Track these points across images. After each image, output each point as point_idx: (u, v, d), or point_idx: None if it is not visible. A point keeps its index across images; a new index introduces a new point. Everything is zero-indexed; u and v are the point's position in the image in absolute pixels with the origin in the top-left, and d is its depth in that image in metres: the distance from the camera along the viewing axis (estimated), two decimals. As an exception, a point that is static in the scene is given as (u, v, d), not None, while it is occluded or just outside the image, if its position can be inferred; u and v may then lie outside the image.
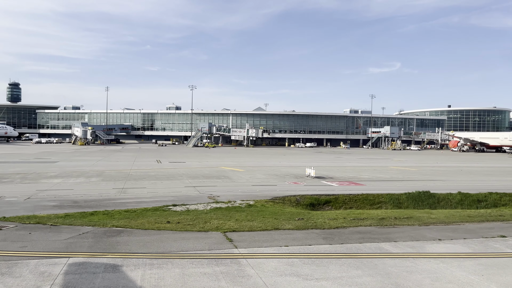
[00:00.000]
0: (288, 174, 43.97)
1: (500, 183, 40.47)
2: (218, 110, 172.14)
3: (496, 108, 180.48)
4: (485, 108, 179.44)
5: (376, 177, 44.57)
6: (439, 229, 18.40)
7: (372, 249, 14.50)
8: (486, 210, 25.44)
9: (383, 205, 29.61)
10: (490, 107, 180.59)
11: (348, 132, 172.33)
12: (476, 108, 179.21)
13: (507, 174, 50.83)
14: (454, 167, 60.89)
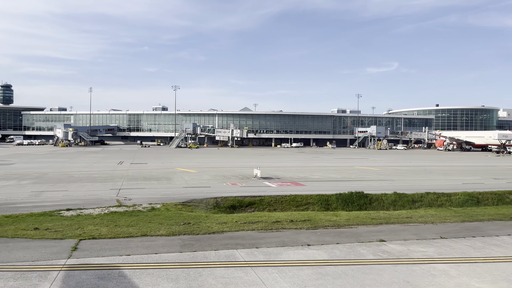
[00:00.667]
0: (237, 175, 43.00)
1: (452, 182, 39.48)
2: (205, 110, 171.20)
3: (484, 107, 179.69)
4: (473, 107, 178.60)
5: (327, 177, 43.62)
6: (323, 232, 17.46)
7: (220, 257, 13.54)
8: (400, 212, 24.46)
9: (310, 207, 28.64)
10: (478, 106, 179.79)
11: (335, 132, 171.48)
12: (464, 107, 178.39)
13: (469, 173, 49.79)
14: (420, 167, 59.89)
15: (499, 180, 42.26)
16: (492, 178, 44.13)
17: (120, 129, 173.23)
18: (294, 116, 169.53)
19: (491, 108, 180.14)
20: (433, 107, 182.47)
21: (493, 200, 32.34)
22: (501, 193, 33.25)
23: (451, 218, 21.33)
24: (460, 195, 32.30)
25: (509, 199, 32.70)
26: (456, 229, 18.61)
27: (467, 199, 31.75)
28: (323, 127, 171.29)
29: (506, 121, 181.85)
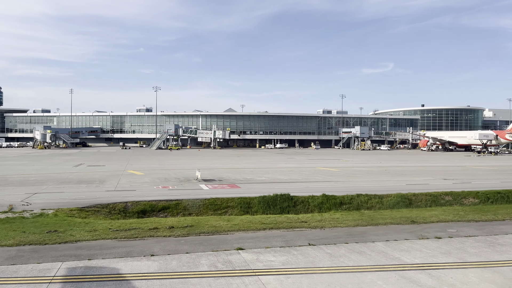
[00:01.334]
0: (182, 177, 41.82)
1: (398, 183, 38.38)
2: (189, 112, 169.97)
3: (470, 107, 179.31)
4: (458, 107, 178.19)
5: (276, 178, 42.48)
6: (188, 240, 16.38)
7: (33, 271, 12.37)
8: (311, 215, 23.33)
9: (229, 210, 27.52)
10: (463, 106, 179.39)
11: (320, 132, 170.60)
12: (450, 107, 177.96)
13: (426, 174, 48.59)
14: (384, 167, 58.82)
15: (448, 181, 41.28)
16: (443, 179, 43.14)
17: (104, 131, 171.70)
18: (279, 117, 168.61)
19: (477, 108, 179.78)
20: (419, 107, 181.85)
21: (426, 201, 31.33)
22: (437, 194, 32.22)
23: (349, 222, 20.28)
24: (393, 196, 31.28)
25: (444, 200, 31.70)
26: (338, 235, 17.53)
27: (398, 200, 30.73)
28: (308, 128, 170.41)
29: (492, 121, 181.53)
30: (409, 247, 15.46)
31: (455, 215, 22.53)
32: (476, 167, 61.85)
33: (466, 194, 32.73)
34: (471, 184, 38.90)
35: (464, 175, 48.61)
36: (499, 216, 21.98)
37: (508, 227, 19.12)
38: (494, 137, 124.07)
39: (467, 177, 46.06)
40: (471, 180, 42.56)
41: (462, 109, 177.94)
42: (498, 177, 45.82)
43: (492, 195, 32.79)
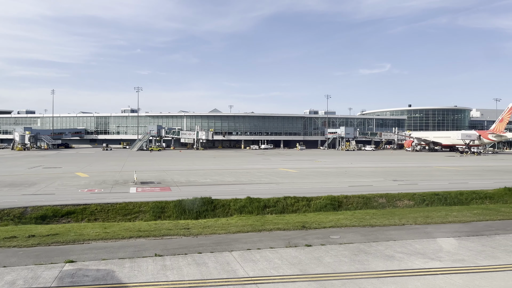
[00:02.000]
0: (119, 180, 40.41)
1: (344, 184, 37.01)
2: (174, 112, 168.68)
3: (457, 107, 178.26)
4: (445, 107, 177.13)
5: (221, 180, 41.13)
6: (28, 252, 14.95)
7: None
8: (213, 220, 21.96)
9: (141, 215, 26.14)
10: (450, 106, 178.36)
11: (306, 133, 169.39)
12: (437, 107, 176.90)
13: (383, 175, 47.24)
14: (350, 168, 57.47)
15: (396, 182, 40.02)
16: (393, 180, 41.86)
17: (88, 132, 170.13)
18: (264, 117, 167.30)
19: (464, 108, 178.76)
20: (406, 107, 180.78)
21: (357, 203, 30.04)
22: (371, 196, 30.91)
23: (236, 228, 18.92)
24: (322, 199, 29.95)
25: (377, 203, 30.38)
26: (204, 243, 16.16)
27: (327, 203, 29.43)
28: (294, 129, 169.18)
29: (479, 121, 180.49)
30: (262, 257, 14.10)
31: (358, 219, 21.18)
32: (442, 168, 60.59)
33: (402, 196, 31.42)
34: (417, 185, 37.60)
35: (420, 176, 47.37)
36: (402, 221, 20.64)
37: (396, 233, 17.79)
38: (477, 137, 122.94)
39: (420, 178, 44.84)
40: (421, 181, 41.32)
41: (449, 109, 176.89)
42: (453, 178, 44.58)
43: (428, 197, 31.50)
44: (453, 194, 32.33)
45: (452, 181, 40.94)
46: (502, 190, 33.70)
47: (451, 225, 19.52)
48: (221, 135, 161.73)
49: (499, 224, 20.16)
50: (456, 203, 31.18)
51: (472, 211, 24.23)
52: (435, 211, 24.46)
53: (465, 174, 50.80)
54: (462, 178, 44.65)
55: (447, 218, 21.53)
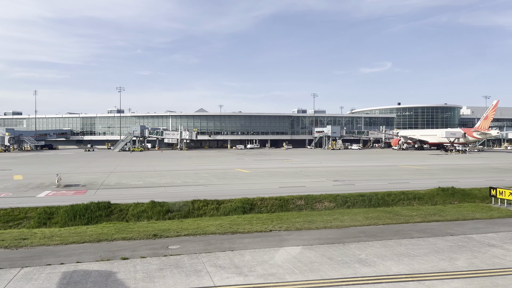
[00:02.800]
0: (53, 182, 38.84)
1: (275, 185, 35.32)
2: (159, 112, 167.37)
3: (447, 105, 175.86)
4: (435, 105, 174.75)
5: (156, 182, 39.53)
6: None
7: None
8: (36, 231, 20.26)
9: (25, 222, 24.54)
10: (440, 104, 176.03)
11: (294, 132, 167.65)
12: (426, 105, 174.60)
13: (336, 175, 45.54)
14: (310, 168, 55.77)
15: (336, 182, 38.36)
16: (333, 180, 40.14)
17: (74, 133, 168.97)
18: (251, 117, 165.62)
19: (454, 106, 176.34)
20: (395, 105, 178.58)
21: (273, 205, 28.43)
22: (289, 198, 29.29)
23: (64, 240, 17.26)
24: (235, 201, 28.33)
25: (294, 205, 28.72)
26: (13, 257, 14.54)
27: (238, 206, 27.80)
28: (281, 128, 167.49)
29: (470, 118, 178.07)
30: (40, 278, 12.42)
31: (232, 225, 19.56)
32: (407, 167, 58.74)
33: (324, 197, 29.77)
34: (354, 186, 35.94)
35: (373, 175, 45.72)
36: (276, 227, 18.97)
37: (249, 241, 16.26)
38: (462, 135, 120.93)
39: (369, 177, 43.15)
40: (365, 181, 39.69)
41: (439, 107, 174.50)
42: (401, 178, 42.89)
43: (352, 198, 29.84)
44: (380, 195, 30.64)
45: (394, 181, 39.21)
46: (435, 191, 32.00)
47: (320, 231, 17.92)
48: (206, 135, 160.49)
49: (380, 229, 18.52)
50: (380, 204, 29.54)
51: (368, 214, 22.60)
52: (330, 215, 22.84)
53: (423, 173, 48.99)
54: (409, 178, 42.93)
55: (330, 223, 19.90)
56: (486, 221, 22.07)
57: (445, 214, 23.66)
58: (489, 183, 35.19)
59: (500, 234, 18.41)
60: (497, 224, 20.92)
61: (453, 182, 35.51)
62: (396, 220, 21.14)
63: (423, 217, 22.83)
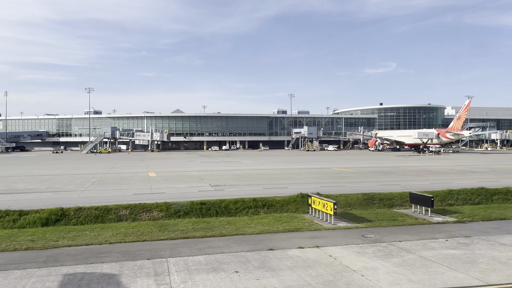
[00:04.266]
0: None
1: (146, 191, 32.18)
2: (135, 113, 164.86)
3: (431, 105, 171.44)
4: (418, 105, 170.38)
5: (21, 189, 36.52)
6: None
7: None
8: None
9: None
10: (424, 104, 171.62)
11: (272, 133, 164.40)
12: (409, 105, 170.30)
13: (239, 178, 42.45)
14: (219, 171, 52.59)
15: (212, 187, 34.99)
16: (214, 185, 36.84)
17: (50, 134, 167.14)
18: (228, 117, 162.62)
19: (437, 106, 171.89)
20: (377, 106, 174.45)
21: (89, 216, 25.12)
22: (112, 208, 25.94)
23: None
24: (44, 212, 25.04)
25: (115, 215, 25.44)
26: None
27: (46, 217, 24.54)
28: (259, 129, 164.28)
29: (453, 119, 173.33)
30: None
31: None
32: (337, 170, 55.20)
33: (155, 206, 26.45)
34: (224, 191, 32.62)
35: (269, 179, 42.34)
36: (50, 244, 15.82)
37: None
38: (435, 136, 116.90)
39: (264, 181, 39.86)
40: (245, 185, 36.30)
41: (422, 107, 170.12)
42: (299, 182, 39.42)
43: (189, 206, 26.55)
44: (225, 203, 27.34)
45: (277, 186, 35.93)
46: (295, 197, 28.57)
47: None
48: (182, 136, 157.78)
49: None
50: (222, 213, 26.33)
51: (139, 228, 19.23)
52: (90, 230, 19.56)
53: (335, 177, 45.54)
54: (306, 182, 39.51)
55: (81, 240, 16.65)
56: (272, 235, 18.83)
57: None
58: (399, 188, 32.00)
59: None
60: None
61: (356, 187, 32.16)
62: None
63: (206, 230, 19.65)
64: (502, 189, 32.99)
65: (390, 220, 23.37)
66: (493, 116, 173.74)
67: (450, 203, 29.64)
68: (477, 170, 53.92)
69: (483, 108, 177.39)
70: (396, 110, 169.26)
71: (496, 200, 31.22)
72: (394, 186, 35.50)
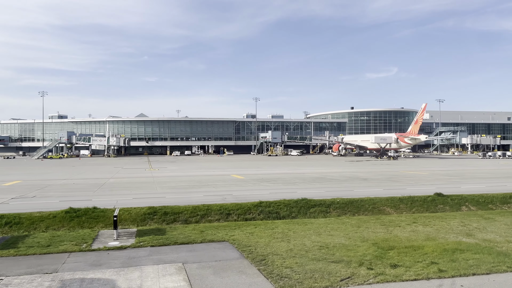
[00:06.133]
0: None
1: None
2: (98, 118, 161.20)
3: (404, 109, 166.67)
4: (390, 109, 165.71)
5: None
6: None
7: None
8: None
9: None
10: (397, 108, 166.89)
11: (239, 138, 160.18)
12: (382, 109, 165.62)
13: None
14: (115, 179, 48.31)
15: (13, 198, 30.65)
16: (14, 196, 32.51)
17: (13, 139, 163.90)
18: (192, 122, 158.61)
19: (410, 110, 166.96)
20: (348, 109, 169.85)
21: None
22: None
23: None
24: None
25: None
26: None
27: None
28: (226, 133, 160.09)
29: (428, 123, 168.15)
30: None
31: None
32: (234, 178, 50.73)
33: None
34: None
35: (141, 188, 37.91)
36: None
37: None
38: (394, 141, 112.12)
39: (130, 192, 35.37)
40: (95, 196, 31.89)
41: (395, 111, 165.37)
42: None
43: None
44: None
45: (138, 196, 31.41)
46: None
47: None
48: (144, 141, 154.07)
49: None
50: None
51: None
52: None
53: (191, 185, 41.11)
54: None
55: None
56: None
57: None
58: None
59: None
60: None
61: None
62: None
63: None
64: (327, 200, 28.36)
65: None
66: (468, 120, 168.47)
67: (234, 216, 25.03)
68: (379, 177, 49.13)
69: (458, 112, 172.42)
70: (367, 114, 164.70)
71: (312, 213, 26.61)
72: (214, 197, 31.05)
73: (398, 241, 17.27)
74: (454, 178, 47.80)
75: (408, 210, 27.89)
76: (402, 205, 28.41)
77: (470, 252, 14.75)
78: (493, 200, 29.58)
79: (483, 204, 28.90)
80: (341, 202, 28.20)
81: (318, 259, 14.68)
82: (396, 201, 28.72)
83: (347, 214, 27.10)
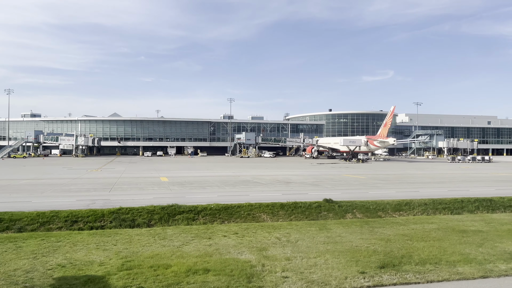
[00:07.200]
0: None
1: None
2: (69, 117, 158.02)
3: (382, 111, 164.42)
4: (369, 111, 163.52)
5: None
6: None
7: None
8: None
9: None
10: (375, 110, 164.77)
11: (214, 139, 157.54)
12: (360, 111, 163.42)
13: None
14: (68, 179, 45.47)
15: None
16: None
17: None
18: (166, 122, 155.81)
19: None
20: (326, 112, 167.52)
21: None
22: None
23: None
24: None
25: None
26: None
27: None
28: (201, 134, 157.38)
29: (407, 126, 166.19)
30: None
31: None
32: (164, 180, 48.03)
33: None
34: None
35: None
36: None
37: None
38: (364, 143, 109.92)
39: None
40: None
41: (372, 113, 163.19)
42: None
43: None
44: None
45: None
46: None
47: None
48: (116, 141, 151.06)
49: None
50: None
51: None
52: None
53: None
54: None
55: None
56: None
57: None
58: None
59: None
60: None
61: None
62: None
63: None
64: (199, 206, 25.73)
65: None
66: (448, 124, 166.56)
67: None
68: (307, 181, 46.57)
69: (438, 115, 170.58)
70: (345, 117, 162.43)
71: (176, 220, 23.97)
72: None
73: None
74: (381, 183, 45.16)
75: (286, 217, 25.32)
76: (282, 211, 25.83)
77: (212, 274, 12.09)
78: (385, 207, 27.07)
79: (373, 212, 26.37)
80: (214, 208, 25.58)
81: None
82: (277, 208, 26.13)
83: (217, 221, 24.51)
